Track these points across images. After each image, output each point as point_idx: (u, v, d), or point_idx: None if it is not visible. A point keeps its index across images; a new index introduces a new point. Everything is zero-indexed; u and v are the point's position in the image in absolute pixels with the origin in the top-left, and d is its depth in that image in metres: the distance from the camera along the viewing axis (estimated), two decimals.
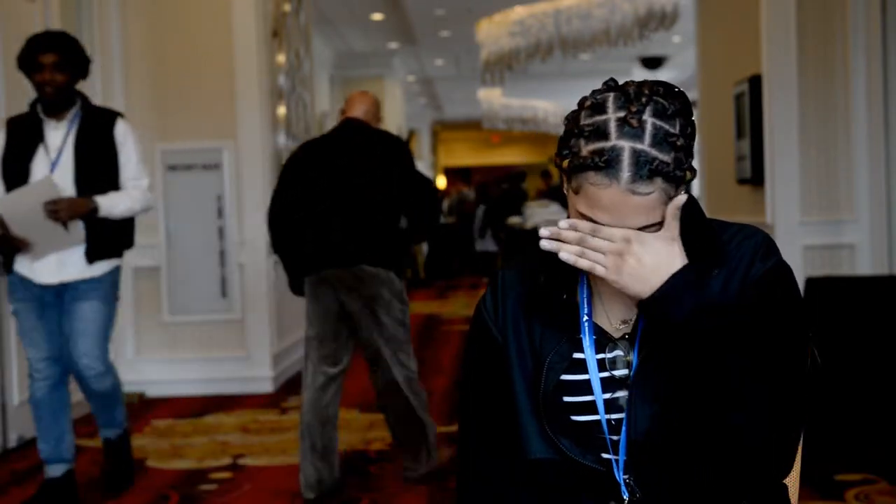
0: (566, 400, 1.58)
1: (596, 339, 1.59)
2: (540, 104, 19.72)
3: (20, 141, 4.13)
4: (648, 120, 1.46)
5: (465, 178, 20.69)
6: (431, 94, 20.31)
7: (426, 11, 11.69)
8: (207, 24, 6.63)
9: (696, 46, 7.78)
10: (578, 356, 1.59)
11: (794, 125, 5.59)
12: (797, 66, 5.58)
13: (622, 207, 1.46)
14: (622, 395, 1.56)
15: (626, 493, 1.57)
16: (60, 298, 4.15)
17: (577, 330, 1.59)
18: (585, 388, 1.58)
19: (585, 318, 1.60)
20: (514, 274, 1.68)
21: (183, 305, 6.61)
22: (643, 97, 1.47)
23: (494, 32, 10.66)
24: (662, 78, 10.31)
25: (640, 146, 1.45)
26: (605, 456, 1.58)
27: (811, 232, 5.58)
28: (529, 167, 22.71)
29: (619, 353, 1.57)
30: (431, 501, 4.16)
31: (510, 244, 12.49)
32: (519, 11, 10.35)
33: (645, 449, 1.54)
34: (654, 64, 15.64)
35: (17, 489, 4.50)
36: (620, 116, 1.46)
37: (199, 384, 6.57)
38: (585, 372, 1.58)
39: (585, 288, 1.62)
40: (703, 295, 1.47)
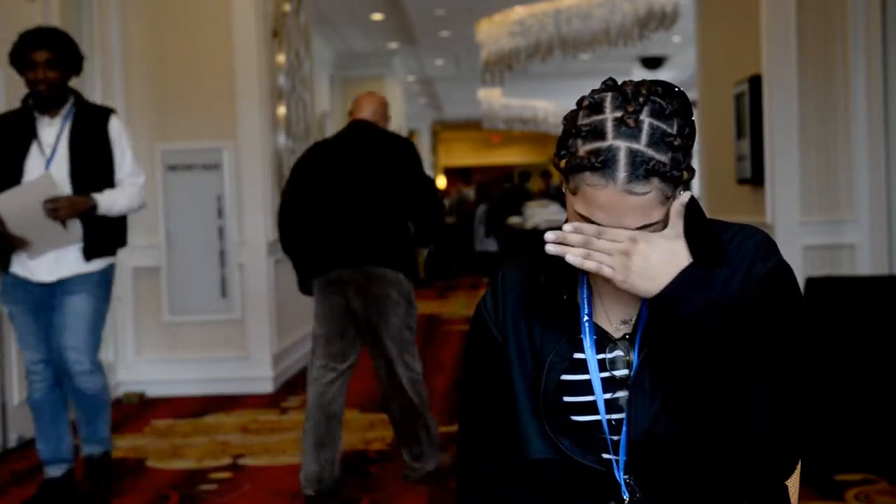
0: (566, 400, 1.58)
1: (596, 339, 1.59)
2: (540, 104, 19.73)
3: (13, 138, 4.08)
4: (645, 120, 1.46)
5: (465, 178, 20.67)
6: (431, 94, 20.31)
7: (426, 11, 11.68)
8: (207, 24, 6.62)
9: (696, 46, 7.78)
10: (579, 356, 1.59)
11: (794, 125, 5.59)
12: (797, 66, 5.58)
13: (619, 207, 1.46)
14: (622, 395, 1.56)
15: (626, 493, 1.57)
16: (55, 297, 4.10)
17: (577, 330, 1.59)
18: (586, 388, 1.58)
19: (586, 318, 1.60)
20: (514, 274, 1.68)
21: (183, 305, 6.61)
22: (641, 97, 1.47)
23: (494, 32, 10.66)
24: (662, 78, 10.31)
25: (636, 146, 1.45)
26: (605, 456, 1.58)
27: (811, 232, 5.58)
28: (529, 167, 22.70)
29: (619, 353, 1.57)
30: (431, 501, 4.16)
31: (510, 244, 12.47)
32: (519, 11, 10.35)
33: (645, 449, 1.54)
34: (654, 64, 15.63)
35: (17, 489, 4.50)
36: (617, 116, 1.46)
37: (199, 384, 6.57)
38: (585, 372, 1.58)
39: (585, 288, 1.62)
40: (709, 292, 1.47)
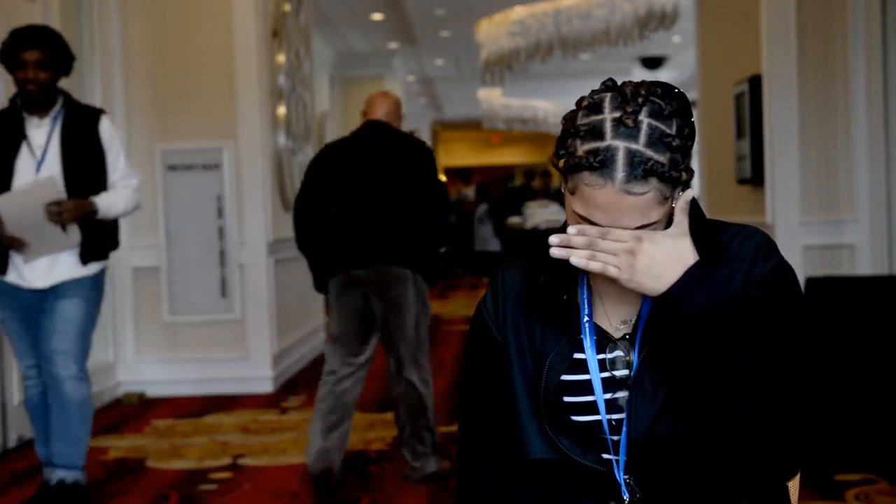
0: (566, 400, 1.58)
1: (596, 339, 1.59)
2: (540, 104, 19.72)
3: (2, 138, 4.00)
4: (644, 120, 1.46)
5: (465, 178, 20.67)
6: (431, 94, 20.30)
7: (426, 11, 11.68)
8: (207, 24, 6.62)
9: (696, 46, 7.78)
10: (579, 356, 1.59)
11: (794, 125, 5.59)
12: (797, 66, 5.58)
13: (617, 207, 1.46)
14: (622, 395, 1.56)
15: (626, 493, 1.57)
16: (46, 302, 4.02)
17: (577, 330, 1.59)
18: (586, 388, 1.58)
19: (586, 318, 1.60)
20: (514, 274, 1.68)
21: (183, 305, 6.61)
22: (640, 97, 1.47)
23: (494, 32, 10.66)
24: (662, 78, 10.33)
25: (634, 146, 1.45)
26: (605, 456, 1.58)
27: (811, 232, 5.58)
28: (529, 167, 22.70)
29: (619, 353, 1.57)
30: (431, 501, 4.16)
31: (510, 244, 12.46)
32: (519, 11, 10.35)
33: (645, 449, 1.54)
34: (654, 64, 15.63)
35: (17, 489, 4.50)
36: (616, 116, 1.46)
37: (198, 384, 6.57)
38: (586, 372, 1.58)
39: (585, 288, 1.62)
40: (714, 291, 1.47)
